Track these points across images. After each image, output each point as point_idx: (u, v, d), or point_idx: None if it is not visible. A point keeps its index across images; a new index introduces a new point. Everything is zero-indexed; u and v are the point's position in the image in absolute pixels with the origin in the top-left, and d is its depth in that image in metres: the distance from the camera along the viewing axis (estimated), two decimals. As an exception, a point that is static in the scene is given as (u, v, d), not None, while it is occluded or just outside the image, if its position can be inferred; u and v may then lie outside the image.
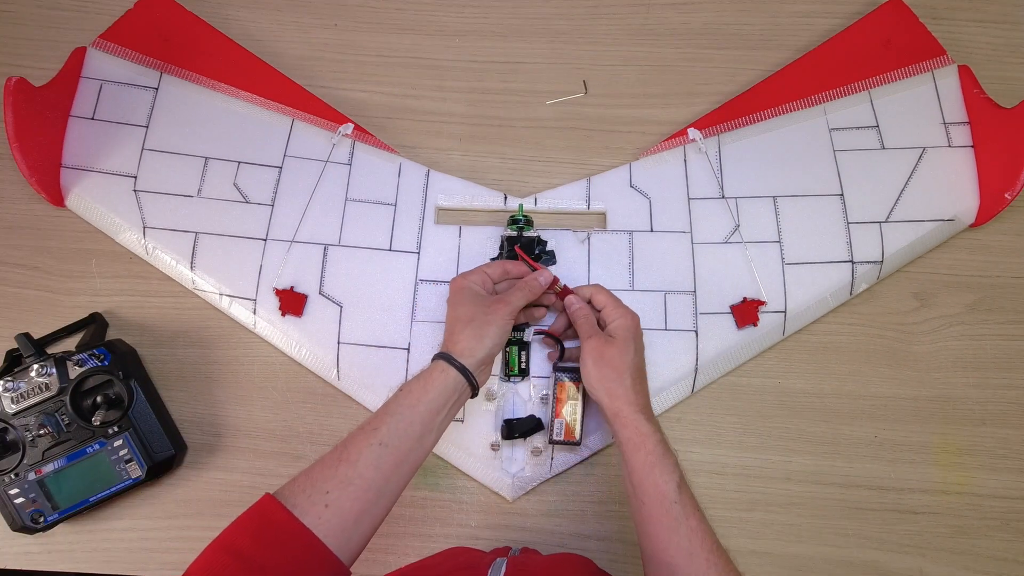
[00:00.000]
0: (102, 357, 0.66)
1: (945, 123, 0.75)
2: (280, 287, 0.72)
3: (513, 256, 0.70)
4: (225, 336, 0.73)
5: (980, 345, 0.72)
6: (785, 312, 0.71)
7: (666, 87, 0.80)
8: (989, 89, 0.74)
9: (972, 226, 0.74)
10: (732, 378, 0.71)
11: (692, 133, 0.76)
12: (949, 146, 0.75)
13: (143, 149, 0.76)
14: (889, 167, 0.74)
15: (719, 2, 0.82)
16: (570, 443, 0.66)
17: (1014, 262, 0.74)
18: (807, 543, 0.68)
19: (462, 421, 0.69)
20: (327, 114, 0.77)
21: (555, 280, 0.66)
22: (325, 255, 0.73)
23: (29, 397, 0.64)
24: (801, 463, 0.69)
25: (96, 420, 0.64)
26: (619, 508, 0.69)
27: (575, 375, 0.66)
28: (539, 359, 0.70)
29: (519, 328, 0.69)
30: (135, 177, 0.75)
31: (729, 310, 0.71)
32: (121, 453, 0.65)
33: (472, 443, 0.69)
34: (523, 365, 0.69)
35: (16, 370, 0.65)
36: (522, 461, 0.69)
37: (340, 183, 0.75)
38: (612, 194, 0.75)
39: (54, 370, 0.65)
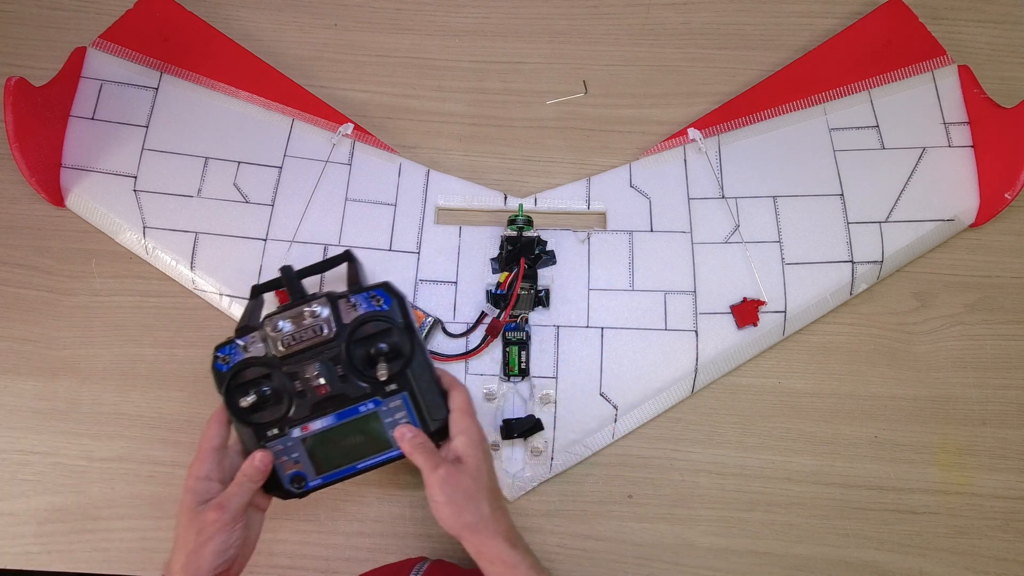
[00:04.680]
0: (381, 300, 0.55)
1: (945, 123, 0.75)
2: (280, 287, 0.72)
3: (513, 256, 0.70)
4: (225, 336, 0.73)
5: (980, 345, 0.72)
6: (785, 312, 0.71)
7: (666, 87, 0.80)
8: (989, 89, 0.74)
9: (972, 226, 0.74)
10: (732, 378, 0.71)
11: (692, 133, 0.76)
12: (949, 146, 0.75)
13: (143, 149, 0.76)
14: (889, 167, 0.74)
15: (719, 2, 0.82)
16: None
17: (1014, 262, 0.74)
18: (807, 543, 0.68)
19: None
20: (327, 114, 0.77)
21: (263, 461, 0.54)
22: (325, 255, 0.73)
23: (300, 341, 0.54)
24: (801, 463, 0.69)
25: (381, 374, 0.54)
26: (619, 508, 0.69)
27: None
28: (539, 359, 0.70)
29: (519, 328, 0.70)
30: (135, 177, 0.75)
31: (729, 310, 0.71)
32: (397, 416, 0.55)
33: (472, 443, 0.69)
34: (523, 365, 0.69)
35: (283, 310, 0.55)
36: (522, 461, 0.68)
37: (340, 183, 0.75)
38: (612, 194, 0.75)
39: (327, 311, 0.55)
